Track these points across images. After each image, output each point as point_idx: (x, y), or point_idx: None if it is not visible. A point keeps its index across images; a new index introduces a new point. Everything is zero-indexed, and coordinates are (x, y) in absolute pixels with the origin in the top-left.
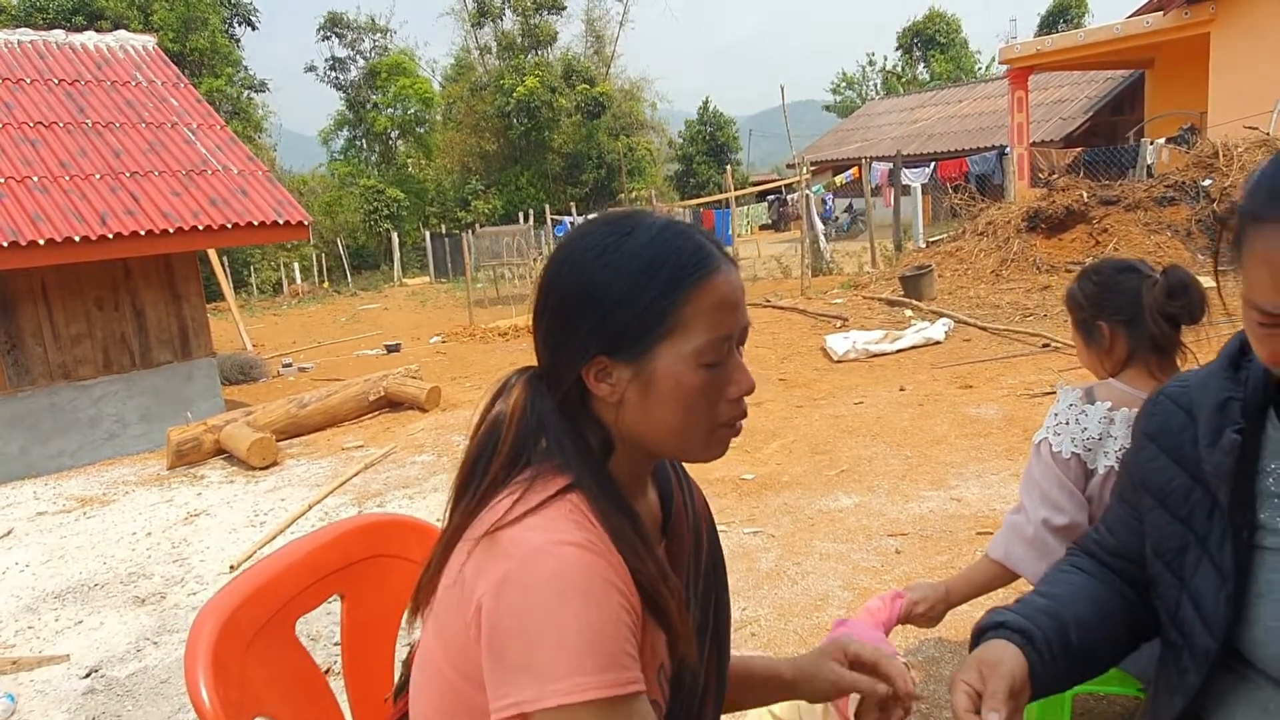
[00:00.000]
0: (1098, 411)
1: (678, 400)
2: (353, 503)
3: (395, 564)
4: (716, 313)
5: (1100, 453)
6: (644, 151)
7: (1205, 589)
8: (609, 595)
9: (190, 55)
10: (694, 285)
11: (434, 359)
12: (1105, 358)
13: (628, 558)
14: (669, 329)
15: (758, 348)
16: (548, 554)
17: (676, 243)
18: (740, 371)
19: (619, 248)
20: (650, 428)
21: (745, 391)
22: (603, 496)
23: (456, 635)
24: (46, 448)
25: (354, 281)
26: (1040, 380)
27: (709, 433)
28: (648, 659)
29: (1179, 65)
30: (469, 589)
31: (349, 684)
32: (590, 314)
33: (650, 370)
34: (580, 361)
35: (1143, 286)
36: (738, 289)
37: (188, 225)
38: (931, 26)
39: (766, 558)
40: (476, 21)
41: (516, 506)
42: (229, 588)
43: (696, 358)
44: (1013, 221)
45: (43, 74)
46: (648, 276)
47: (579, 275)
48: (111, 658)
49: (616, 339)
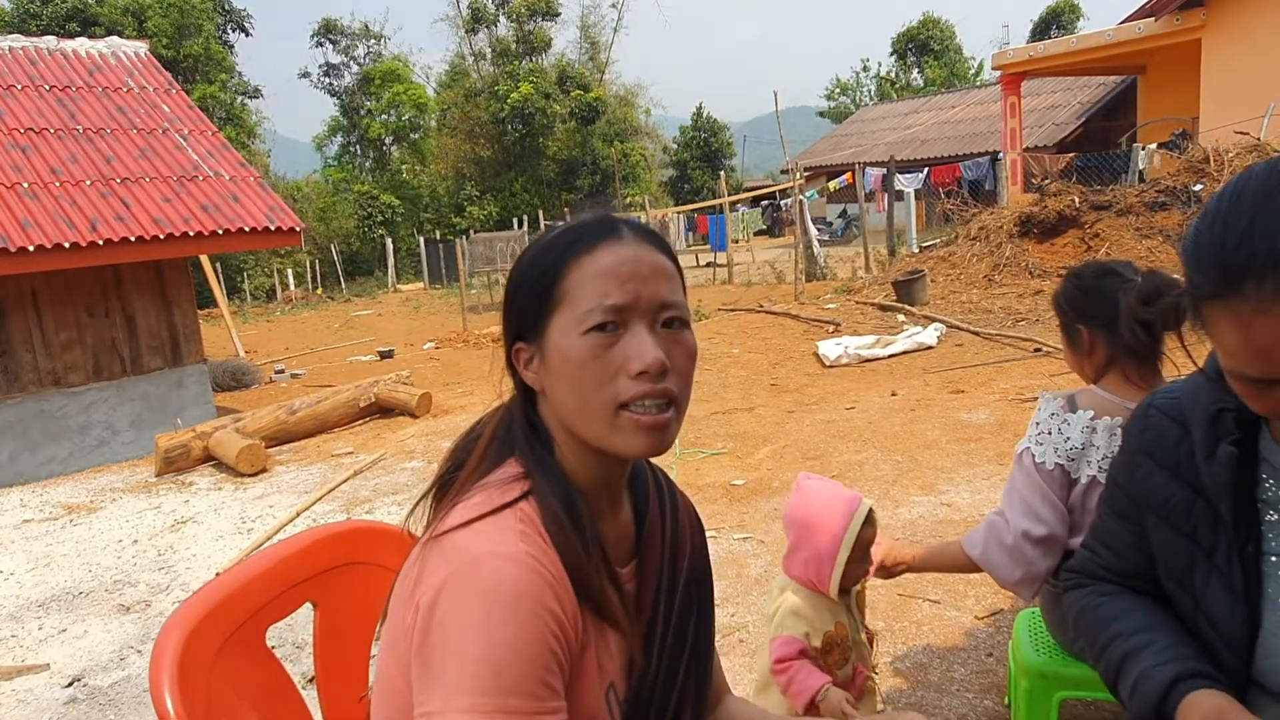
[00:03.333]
0: (1080, 420)
1: (567, 374)
2: (341, 509)
3: (369, 571)
4: (602, 280)
5: (1083, 462)
6: (638, 157)
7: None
8: (537, 617)
9: (184, 61)
10: (577, 254)
11: (427, 365)
12: (1086, 362)
13: (571, 570)
14: (555, 301)
15: (750, 353)
16: (483, 565)
17: (579, 224)
18: (641, 345)
19: (536, 242)
20: (560, 410)
21: (647, 365)
22: (555, 504)
23: (399, 637)
24: (36, 455)
25: (348, 288)
26: (1032, 385)
27: (611, 412)
28: (591, 679)
29: (1171, 71)
30: (413, 592)
31: (322, 691)
32: (509, 304)
33: (547, 346)
34: (510, 351)
35: (1120, 291)
36: (638, 260)
37: (179, 231)
38: (925, 32)
39: (756, 563)
40: (471, 28)
41: (468, 511)
42: (195, 598)
43: (578, 325)
44: (1005, 227)
45: (34, 80)
46: (541, 255)
47: (510, 275)
48: (95, 666)
49: (522, 321)
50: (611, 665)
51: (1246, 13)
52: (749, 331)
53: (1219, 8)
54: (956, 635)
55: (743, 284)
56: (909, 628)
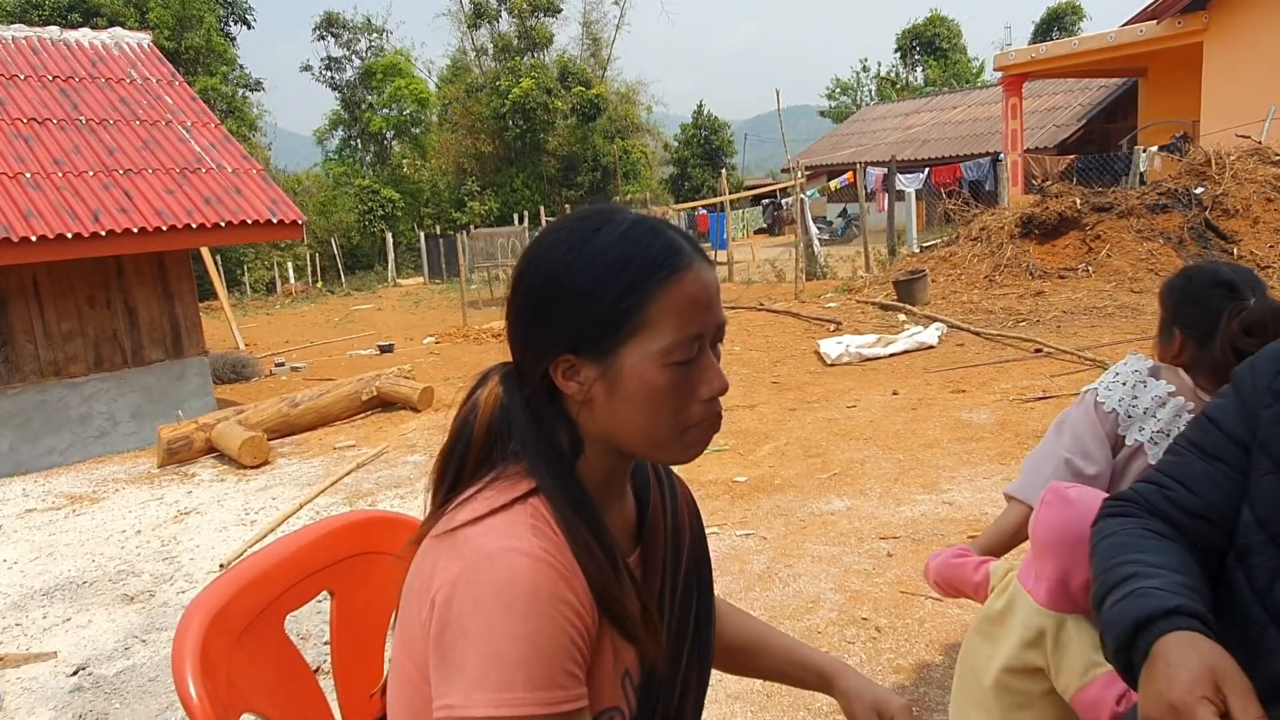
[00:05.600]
0: (1157, 388)
1: (645, 400)
2: (344, 502)
3: (385, 561)
4: (685, 311)
5: (1138, 425)
6: (639, 154)
7: None
8: (555, 609)
9: (185, 53)
10: (662, 282)
11: (427, 359)
12: (1168, 355)
13: (585, 567)
14: (636, 326)
15: (751, 350)
16: (499, 560)
17: (645, 239)
18: (712, 371)
19: (587, 243)
20: (618, 427)
21: (717, 392)
22: (565, 502)
23: (414, 632)
24: (36, 445)
25: (348, 282)
26: (1032, 385)
27: (679, 433)
28: (608, 667)
29: (1172, 74)
30: (426, 588)
31: (338, 681)
32: (556, 311)
33: (617, 369)
34: (547, 359)
35: (1226, 311)
36: (710, 287)
37: (181, 223)
38: (931, 30)
39: (758, 560)
40: (473, 23)
41: (479, 507)
42: (217, 583)
43: (664, 357)
44: (1006, 227)
45: (36, 70)
46: (614, 273)
47: (546, 272)
48: (99, 655)
49: (582, 336)
50: (627, 653)
51: (1249, 16)
52: (750, 329)
53: (1221, 11)
54: (959, 632)
55: (743, 282)
56: (911, 625)
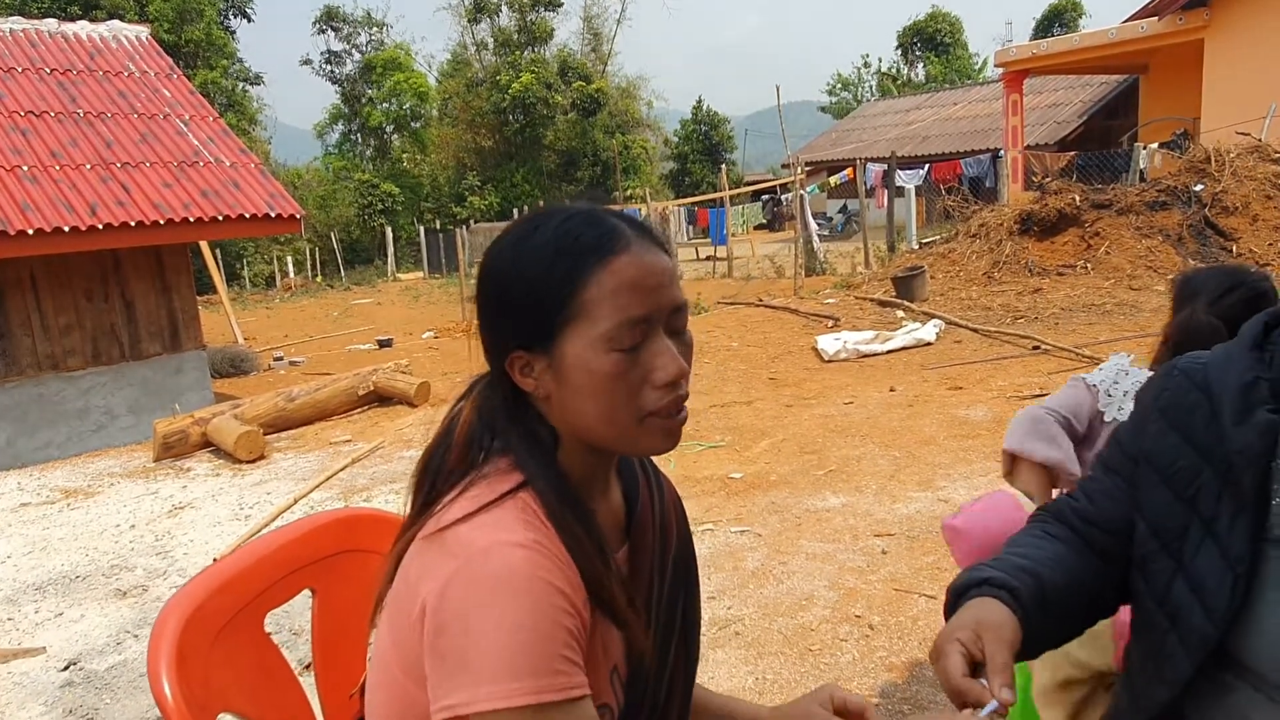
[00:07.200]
0: (1137, 375)
1: (592, 389)
2: (339, 497)
3: (369, 558)
4: (624, 293)
5: (1116, 405)
6: (639, 149)
7: (1207, 573)
8: (551, 598)
9: (185, 47)
10: (594, 267)
11: (426, 354)
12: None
13: (576, 557)
14: (573, 314)
15: (749, 346)
16: (493, 554)
17: (579, 229)
18: (665, 356)
19: (526, 240)
20: (577, 420)
21: (674, 377)
22: (553, 495)
23: (404, 635)
24: (33, 439)
25: (347, 276)
26: (1030, 383)
27: (637, 422)
28: (598, 661)
29: (1173, 71)
30: (415, 589)
31: (320, 679)
32: (503, 309)
33: (561, 358)
34: (502, 357)
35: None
36: (653, 268)
37: (179, 217)
38: (933, 25)
39: (753, 557)
40: (473, 17)
41: (466, 504)
42: (195, 582)
43: (606, 343)
44: (1005, 224)
45: (34, 63)
46: (550, 264)
47: (494, 273)
48: (91, 650)
49: (528, 331)
50: (614, 649)
51: (1249, 14)
52: (748, 325)
53: (1222, 8)
54: None
55: (742, 278)
56: (905, 623)
